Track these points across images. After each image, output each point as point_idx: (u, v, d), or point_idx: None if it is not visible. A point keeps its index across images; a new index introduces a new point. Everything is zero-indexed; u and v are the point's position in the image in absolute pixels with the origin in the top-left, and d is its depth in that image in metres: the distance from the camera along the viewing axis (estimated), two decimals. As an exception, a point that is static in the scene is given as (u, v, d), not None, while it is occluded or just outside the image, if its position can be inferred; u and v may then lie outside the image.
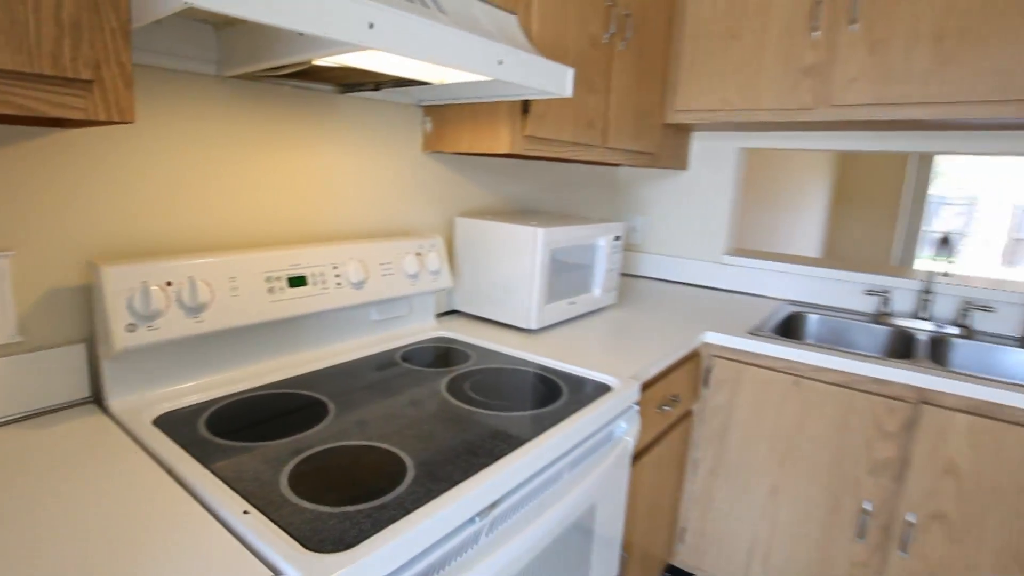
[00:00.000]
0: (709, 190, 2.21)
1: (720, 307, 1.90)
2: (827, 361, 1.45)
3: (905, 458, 1.39)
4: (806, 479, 1.52)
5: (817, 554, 1.53)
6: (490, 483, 0.76)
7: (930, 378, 1.33)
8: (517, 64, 0.99)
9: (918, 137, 1.83)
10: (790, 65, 1.70)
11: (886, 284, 1.87)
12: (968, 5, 1.44)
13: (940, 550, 1.37)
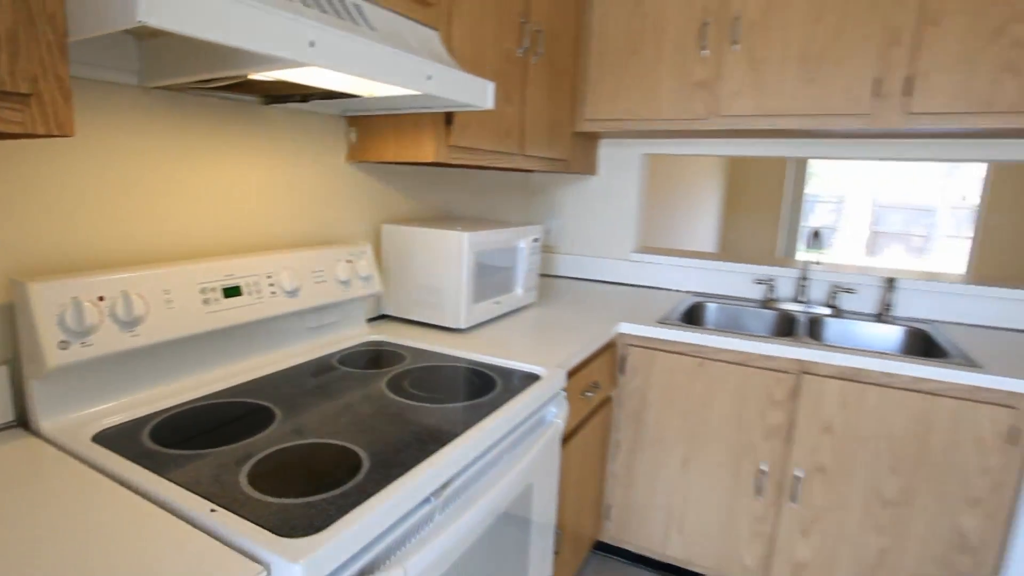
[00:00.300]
0: (617, 193, 2.39)
1: (631, 301, 2.07)
2: (725, 343, 1.64)
3: (792, 422, 1.60)
4: (712, 449, 1.71)
5: (724, 515, 1.73)
6: (440, 466, 0.82)
7: (808, 351, 1.56)
8: (444, 79, 1.06)
9: (792, 144, 2.09)
10: (684, 79, 1.89)
11: (771, 274, 2.13)
12: (825, 33, 1.69)
13: (822, 497, 1.60)
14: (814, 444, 1.59)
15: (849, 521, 1.58)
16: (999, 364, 1.48)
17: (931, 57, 1.60)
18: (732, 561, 1.74)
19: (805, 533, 1.64)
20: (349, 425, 0.94)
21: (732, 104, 1.82)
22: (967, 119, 1.59)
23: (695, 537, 1.78)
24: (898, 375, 1.48)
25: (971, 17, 1.54)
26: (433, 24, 1.29)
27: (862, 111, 1.68)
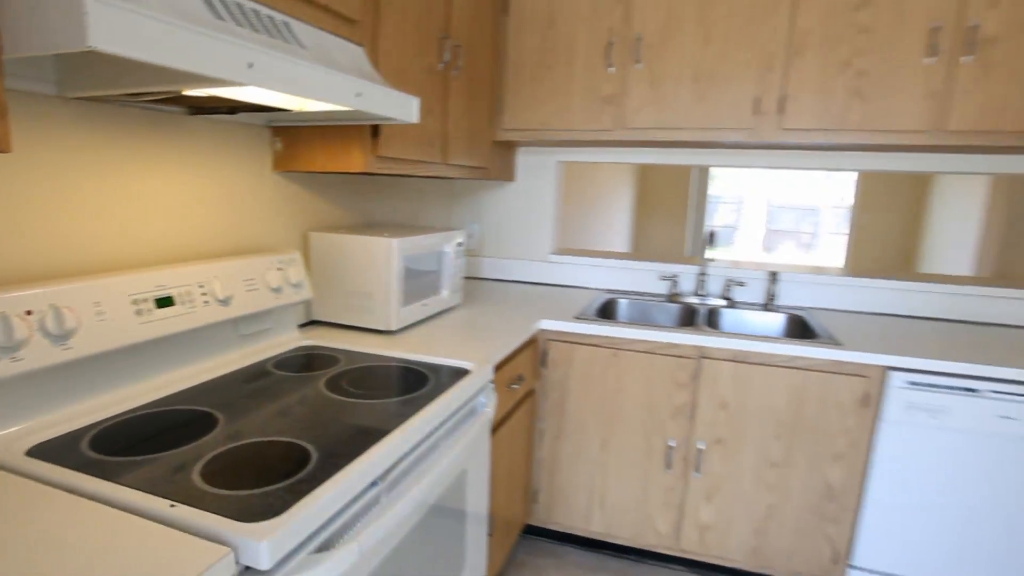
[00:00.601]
0: (535, 198, 2.53)
1: (550, 299, 2.22)
2: (635, 334, 1.81)
3: (694, 401, 1.81)
4: (627, 430, 1.88)
5: (639, 489, 1.91)
6: (383, 453, 0.90)
7: (706, 339, 1.76)
8: (373, 96, 1.14)
9: (688, 153, 2.33)
10: (593, 94, 2.06)
11: (674, 271, 2.35)
12: (713, 56, 1.91)
13: (720, 465, 1.81)
14: (713, 419, 1.80)
15: (743, 484, 1.81)
16: (856, 342, 1.75)
17: (798, 82, 1.86)
18: (648, 529, 1.92)
19: (708, 498, 1.85)
20: (293, 423, 0.99)
21: (636, 117, 2.01)
22: (827, 135, 1.86)
23: (615, 512, 1.94)
24: (778, 355, 1.72)
25: (826, 50, 1.82)
26: (358, 40, 1.35)
27: (745, 126, 1.92)
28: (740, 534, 1.85)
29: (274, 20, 1.04)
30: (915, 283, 2.14)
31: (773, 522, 1.81)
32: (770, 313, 2.17)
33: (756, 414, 1.76)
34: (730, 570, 1.96)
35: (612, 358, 1.85)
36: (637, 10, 1.96)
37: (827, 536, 1.79)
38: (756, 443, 1.78)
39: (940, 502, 1.69)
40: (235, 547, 0.65)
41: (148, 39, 0.68)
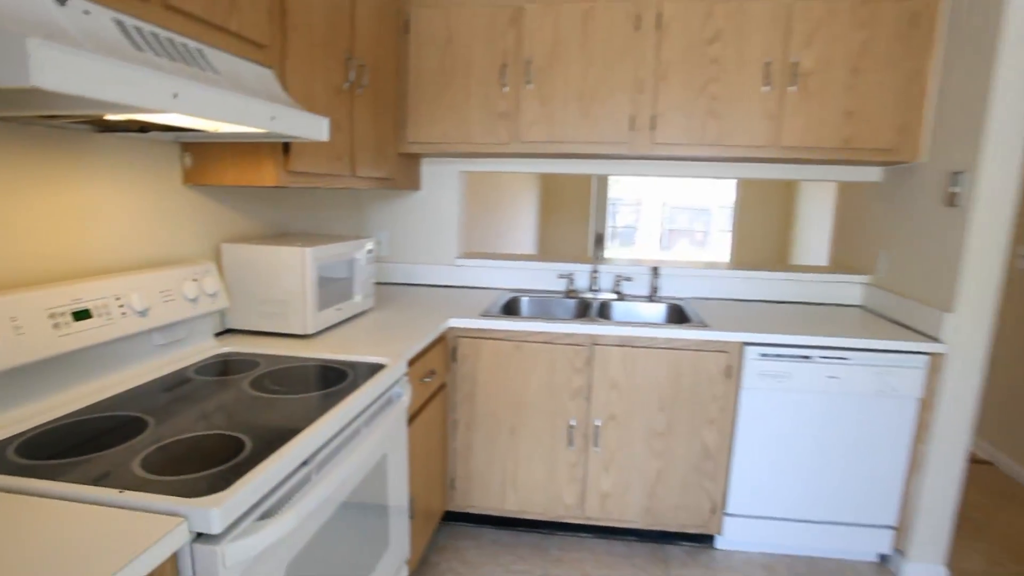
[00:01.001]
0: (440, 206, 2.69)
1: (458, 300, 2.38)
2: (536, 327, 2.02)
3: (589, 383, 2.04)
4: (532, 415, 2.08)
5: (546, 467, 2.11)
6: (312, 437, 1.02)
7: (597, 328, 2.00)
8: (286, 119, 1.24)
9: (577, 163, 2.58)
10: (490, 110, 2.25)
11: (571, 270, 2.60)
12: (594, 79, 2.17)
13: (615, 439, 2.06)
14: (606, 399, 2.04)
15: (635, 453, 2.07)
16: (720, 323, 2.07)
17: (665, 102, 2.16)
18: (556, 503, 2.13)
19: (606, 469, 2.09)
20: (224, 419, 1.08)
21: (528, 132, 2.23)
22: (690, 148, 2.18)
23: (526, 490, 2.14)
24: (658, 338, 1.99)
25: (686, 78, 2.13)
26: (268, 63, 1.45)
27: (622, 140, 2.19)
28: (635, 497, 2.11)
29: (188, 48, 1.13)
30: (771, 272, 2.54)
31: (661, 484, 2.09)
32: (654, 304, 2.47)
33: (642, 391, 2.03)
34: (629, 530, 2.22)
35: (515, 350, 2.05)
36: (527, 36, 2.18)
37: (706, 491, 2.09)
38: (643, 416, 2.04)
39: (788, 450, 2.04)
40: (187, 517, 0.76)
41: (86, 76, 0.77)
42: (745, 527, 2.11)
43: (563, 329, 2.01)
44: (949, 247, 1.95)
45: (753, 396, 2.01)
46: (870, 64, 2.07)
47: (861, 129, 2.11)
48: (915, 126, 2.10)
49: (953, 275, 1.92)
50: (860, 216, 2.73)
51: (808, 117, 2.11)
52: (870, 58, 2.06)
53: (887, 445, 2.02)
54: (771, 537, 2.11)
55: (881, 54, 2.06)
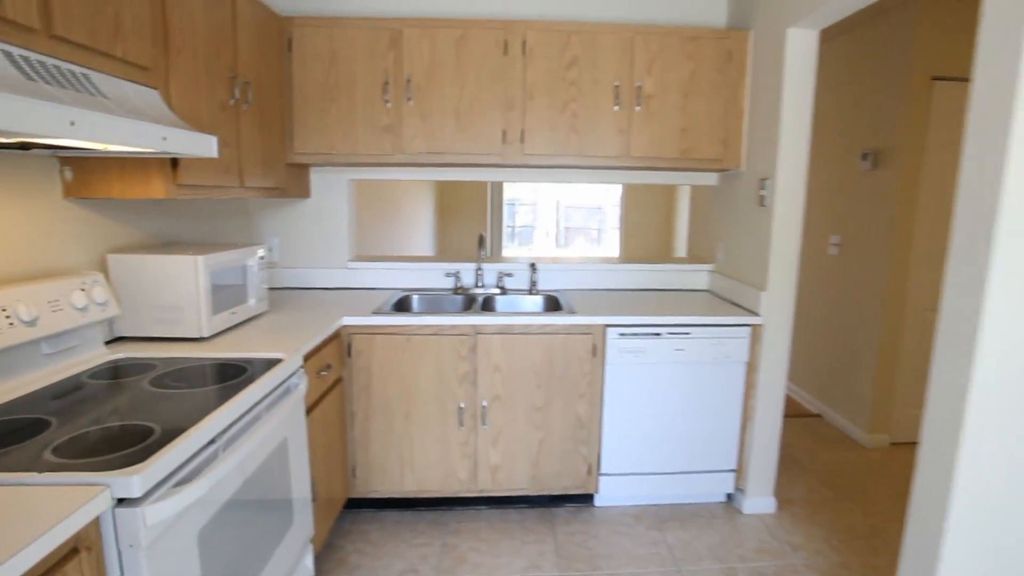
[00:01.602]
0: (330, 212, 2.81)
1: (352, 300, 2.53)
2: (424, 320, 2.23)
3: (475, 369, 2.28)
4: (425, 401, 2.29)
5: (440, 448, 2.33)
6: (218, 419, 1.17)
7: (479, 318, 2.25)
8: (177, 139, 1.36)
9: (458, 171, 2.82)
10: (375, 124, 2.42)
11: (457, 268, 2.83)
12: (469, 97, 2.41)
13: (500, 417, 2.32)
14: (490, 381, 2.30)
15: (518, 428, 2.34)
16: (587, 310, 2.40)
17: (532, 119, 2.46)
18: (451, 479, 2.35)
19: (495, 444, 2.35)
20: (129, 413, 1.19)
21: (411, 144, 2.43)
22: (555, 158, 2.49)
23: (423, 470, 2.34)
24: (533, 324, 2.28)
25: (550, 97, 2.44)
26: (153, 85, 1.54)
27: (496, 152, 2.46)
28: (522, 467, 2.38)
29: (75, 74, 1.22)
30: (635, 264, 2.92)
31: (543, 453, 2.38)
32: (533, 296, 2.77)
33: (522, 372, 2.30)
34: (520, 498, 2.50)
35: (406, 343, 2.24)
36: (406, 56, 2.38)
37: (582, 455, 2.40)
38: (524, 394, 2.32)
39: (647, 414, 2.40)
40: (109, 485, 0.89)
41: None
42: (617, 484, 2.46)
43: (449, 321, 2.24)
44: (762, 239, 2.41)
45: (615, 370, 2.36)
46: (697, 89, 2.49)
47: (694, 143, 2.53)
48: (735, 141, 2.56)
49: (765, 261, 2.38)
50: (706, 214, 3.20)
51: (651, 132, 2.50)
52: (697, 85, 2.49)
53: (725, 403, 2.44)
54: (640, 490, 2.47)
55: (705, 82, 2.49)
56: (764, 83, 2.39)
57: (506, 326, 2.27)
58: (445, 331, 2.25)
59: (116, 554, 0.91)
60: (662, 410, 2.42)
